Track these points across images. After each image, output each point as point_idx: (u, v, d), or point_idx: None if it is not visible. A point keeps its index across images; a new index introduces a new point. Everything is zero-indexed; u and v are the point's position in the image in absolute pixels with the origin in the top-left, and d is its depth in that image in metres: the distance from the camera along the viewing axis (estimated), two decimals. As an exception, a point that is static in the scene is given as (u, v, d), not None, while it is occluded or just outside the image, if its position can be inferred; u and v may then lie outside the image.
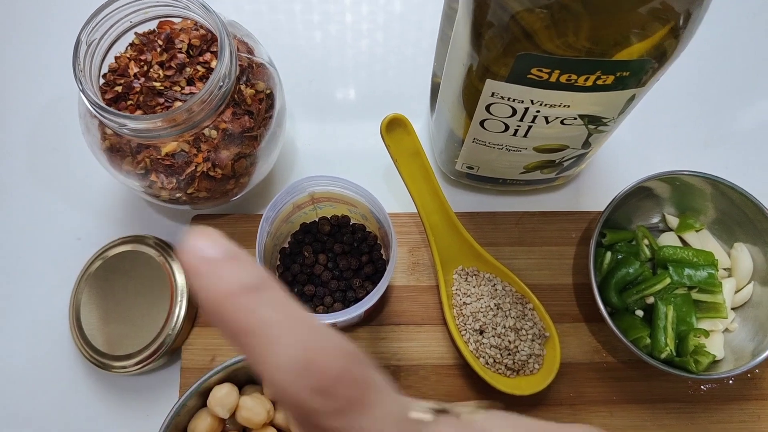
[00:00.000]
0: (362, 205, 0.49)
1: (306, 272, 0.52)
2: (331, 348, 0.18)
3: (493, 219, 0.57)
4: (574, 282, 0.56)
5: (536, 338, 0.52)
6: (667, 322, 0.50)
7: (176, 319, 0.52)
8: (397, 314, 0.54)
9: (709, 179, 0.52)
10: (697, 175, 0.52)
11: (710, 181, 0.52)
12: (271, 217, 0.47)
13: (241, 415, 0.45)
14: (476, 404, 0.23)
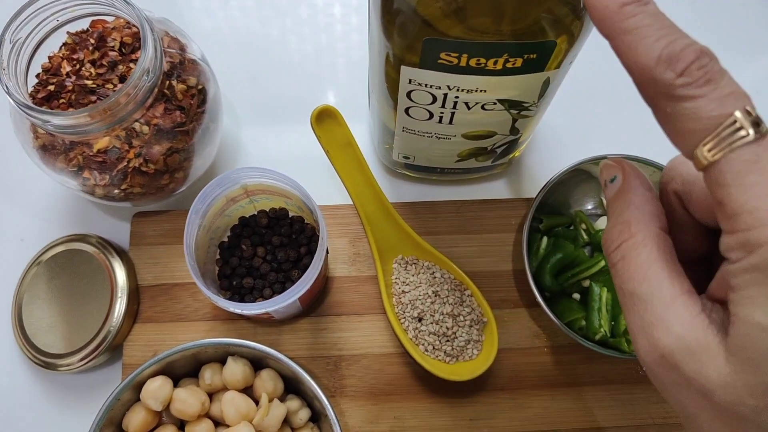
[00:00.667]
0: (295, 196, 0.50)
1: (245, 265, 0.53)
2: (689, 44, 0.24)
3: (432, 208, 0.57)
4: (513, 268, 0.56)
5: (474, 324, 0.52)
6: (601, 303, 0.51)
7: (117, 315, 0.52)
8: (338, 305, 0.55)
9: (645, 163, 0.53)
10: (632, 160, 0.53)
11: (645, 164, 0.53)
12: (201, 209, 0.47)
13: (175, 407, 0.45)
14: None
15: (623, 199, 0.28)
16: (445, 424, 0.52)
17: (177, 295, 0.55)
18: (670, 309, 0.25)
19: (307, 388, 0.47)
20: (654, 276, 0.25)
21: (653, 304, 0.25)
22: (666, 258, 0.26)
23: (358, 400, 0.52)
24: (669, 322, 0.25)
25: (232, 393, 0.46)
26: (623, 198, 0.28)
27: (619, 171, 0.29)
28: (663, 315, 0.25)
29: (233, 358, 0.47)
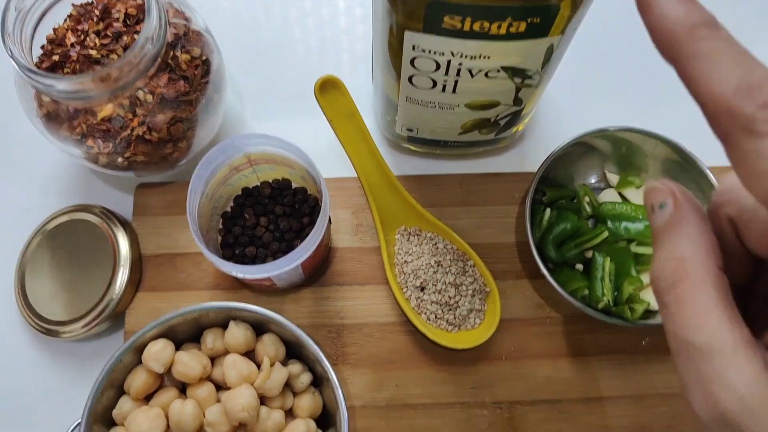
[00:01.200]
0: (298, 165, 0.50)
1: (248, 234, 0.53)
2: (765, 73, 0.22)
3: (436, 181, 0.57)
4: (516, 240, 0.56)
5: (477, 293, 0.52)
6: (604, 273, 0.51)
7: (119, 284, 0.53)
8: (341, 274, 0.55)
9: (649, 135, 0.52)
10: (633, 131, 0.53)
11: (649, 137, 0.53)
12: (204, 176, 0.47)
13: (177, 369, 0.46)
14: None
15: (676, 231, 0.25)
16: (447, 393, 0.52)
17: (180, 264, 0.55)
18: (732, 364, 0.22)
19: (309, 352, 0.47)
20: (713, 324, 0.23)
21: (712, 357, 0.22)
22: (725, 303, 0.23)
23: (360, 368, 0.53)
24: (730, 379, 0.22)
25: (234, 356, 0.46)
26: (676, 229, 0.25)
27: (669, 196, 0.26)
28: (724, 370, 0.22)
29: (235, 322, 0.47)
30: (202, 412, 0.45)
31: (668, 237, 0.25)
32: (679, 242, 0.24)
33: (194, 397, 0.46)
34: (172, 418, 0.44)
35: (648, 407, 0.52)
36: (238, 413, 0.43)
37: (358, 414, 0.52)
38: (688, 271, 0.24)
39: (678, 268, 0.24)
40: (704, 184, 0.52)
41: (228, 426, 0.44)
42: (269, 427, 0.45)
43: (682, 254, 0.24)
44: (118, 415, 0.46)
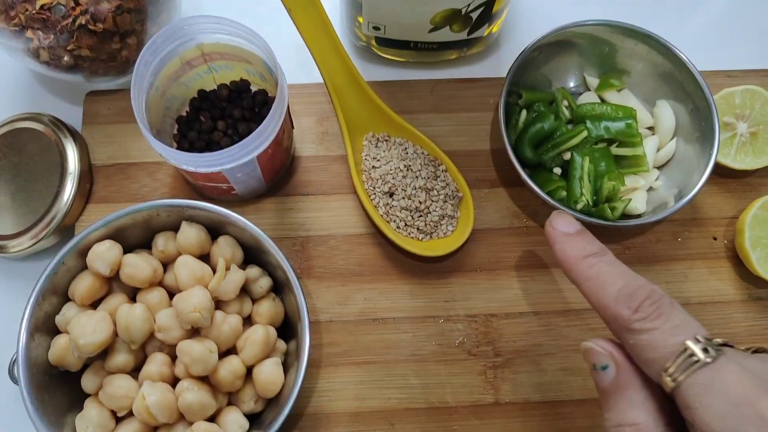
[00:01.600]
0: (256, 59, 0.46)
1: (204, 139, 0.49)
2: (641, 285, 0.30)
3: (406, 87, 0.54)
4: (491, 147, 0.53)
5: (449, 199, 0.49)
6: (583, 172, 0.48)
7: (67, 195, 0.49)
8: (305, 184, 0.51)
9: (629, 32, 0.50)
10: (611, 26, 0.50)
11: (629, 35, 0.50)
12: (151, 63, 0.43)
13: (125, 272, 0.42)
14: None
15: (623, 396, 0.29)
16: (419, 306, 0.49)
17: (133, 174, 0.51)
18: None
19: (271, 257, 0.44)
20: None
21: None
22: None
23: (326, 281, 0.49)
24: None
25: (187, 256, 0.43)
26: (624, 393, 0.30)
27: (610, 360, 0.30)
28: None
29: (188, 222, 0.44)
30: (153, 318, 0.41)
31: (616, 400, 0.30)
32: (628, 407, 0.29)
33: (144, 302, 0.42)
34: (119, 322, 0.41)
35: (630, 318, 0.49)
36: (190, 314, 0.40)
37: (324, 329, 0.48)
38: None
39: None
40: (690, 87, 0.49)
41: (180, 331, 0.41)
42: (225, 332, 0.41)
43: (633, 420, 0.29)
44: (62, 321, 0.42)
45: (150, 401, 0.39)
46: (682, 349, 0.27)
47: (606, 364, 0.30)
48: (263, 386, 0.42)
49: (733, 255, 0.51)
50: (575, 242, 0.33)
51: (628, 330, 0.29)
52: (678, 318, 0.28)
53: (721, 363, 0.26)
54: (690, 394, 0.26)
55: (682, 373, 0.27)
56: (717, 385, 0.26)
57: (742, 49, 0.58)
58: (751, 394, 0.25)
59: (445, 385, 0.47)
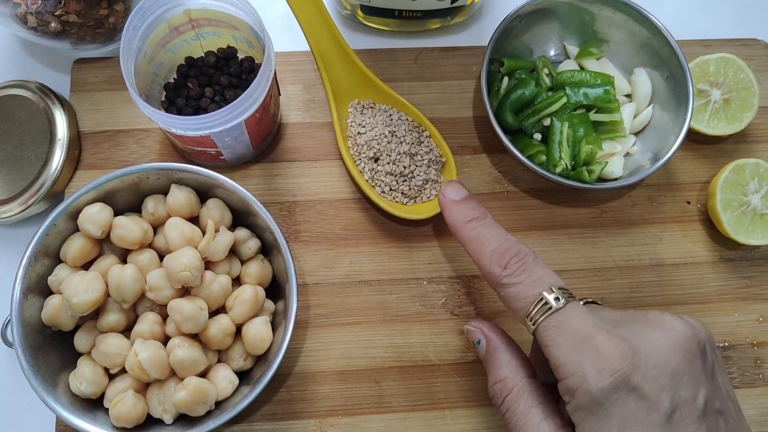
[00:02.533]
0: (243, 24, 0.47)
1: (192, 105, 0.50)
2: (510, 245, 0.35)
3: (391, 55, 0.55)
4: (474, 114, 0.54)
5: (432, 164, 0.50)
6: (562, 137, 0.49)
7: (56, 161, 0.50)
8: (292, 150, 0.52)
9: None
10: None
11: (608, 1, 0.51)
12: (140, 27, 0.44)
13: (116, 233, 0.43)
14: None
15: (493, 359, 0.37)
16: (403, 268, 0.50)
17: (121, 141, 0.52)
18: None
19: (259, 219, 0.45)
20: (534, 419, 0.34)
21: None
22: (540, 401, 0.34)
23: (313, 245, 0.51)
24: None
25: (176, 218, 0.44)
26: (493, 358, 0.37)
27: (481, 335, 0.38)
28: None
29: (177, 185, 0.45)
30: (144, 278, 0.42)
31: (489, 365, 0.37)
32: (497, 368, 0.36)
33: (135, 263, 0.43)
34: (110, 281, 0.42)
35: (607, 279, 0.51)
36: (180, 273, 0.41)
37: (311, 291, 0.50)
38: (509, 387, 0.35)
39: (502, 387, 0.35)
40: (665, 54, 0.51)
41: (171, 290, 0.42)
42: (215, 291, 0.43)
43: (502, 376, 0.36)
44: (54, 282, 0.43)
45: (142, 357, 0.40)
46: (539, 298, 0.33)
47: (479, 339, 0.38)
48: (252, 344, 0.43)
49: (705, 218, 0.53)
50: (461, 208, 0.38)
51: (499, 285, 0.35)
52: (538, 273, 0.34)
53: (568, 309, 0.32)
54: (545, 335, 0.32)
55: (539, 318, 0.32)
56: (564, 326, 0.32)
57: (717, 20, 0.60)
58: (590, 332, 0.31)
59: (429, 344, 0.49)
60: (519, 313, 0.34)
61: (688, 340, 0.32)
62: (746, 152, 0.54)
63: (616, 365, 0.30)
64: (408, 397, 0.48)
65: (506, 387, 0.35)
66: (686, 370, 0.32)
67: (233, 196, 0.45)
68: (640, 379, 0.30)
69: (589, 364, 0.31)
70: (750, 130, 0.55)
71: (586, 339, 0.31)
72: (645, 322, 0.33)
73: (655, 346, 0.32)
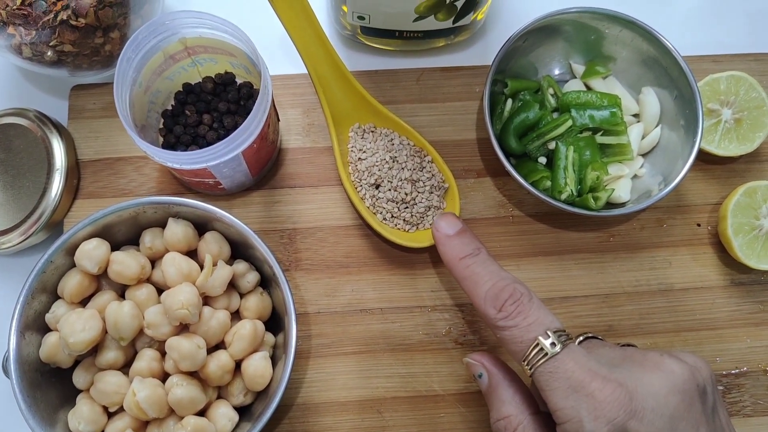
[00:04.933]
0: (239, 52, 0.46)
1: (190, 133, 0.49)
2: (505, 285, 0.34)
3: (392, 77, 0.54)
4: (477, 137, 0.53)
5: (435, 190, 0.49)
6: (567, 162, 0.48)
7: (54, 191, 0.49)
8: (292, 177, 0.52)
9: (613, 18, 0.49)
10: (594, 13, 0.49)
11: (614, 21, 0.50)
12: (134, 59, 0.43)
13: (113, 269, 0.42)
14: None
15: (495, 395, 0.36)
16: (406, 296, 0.50)
17: (120, 169, 0.51)
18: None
19: (257, 252, 0.44)
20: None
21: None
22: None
23: (314, 274, 0.50)
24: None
25: (174, 253, 0.43)
26: (495, 394, 0.36)
27: (482, 369, 0.37)
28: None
29: (174, 219, 0.44)
30: (142, 314, 0.42)
31: (491, 400, 0.36)
32: (500, 404, 0.35)
33: (133, 299, 0.43)
34: (108, 319, 0.41)
35: (615, 306, 0.50)
36: (177, 311, 0.40)
37: (313, 321, 0.49)
38: (513, 425, 0.34)
39: (506, 425, 0.35)
40: (674, 73, 0.49)
41: (169, 327, 0.41)
42: (213, 327, 0.42)
43: (505, 413, 0.35)
44: (52, 319, 0.43)
45: (140, 397, 0.39)
46: (534, 343, 0.32)
47: (480, 373, 0.37)
48: (252, 380, 0.42)
49: (716, 241, 0.51)
50: (454, 244, 0.37)
51: (495, 327, 0.34)
52: (534, 315, 0.33)
53: (563, 355, 0.32)
54: (542, 380, 0.32)
55: (536, 363, 0.32)
56: (560, 372, 0.32)
57: (729, 33, 0.58)
58: (585, 378, 0.31)
59: (432, 373, 0.48)
60: (516, 356, 0.34)
61: (686, 382, 0.32)
62: (758, 173, 0.53)
63: (613, 413, 0.30)
64: (411, 428, 0.47)
65: (510, 425, 0.35)
66: (684, 413, 0.31)
67: (231, 229, 0.44)
68: (637, 425, 0.30)
69: (585, 411, 0.31)
70: (763, 150, 0.53)
71: (581, 385, 0.31)
72: (643, 364, 0.33)
73: (653, 389, 0.32)
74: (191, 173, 0.45)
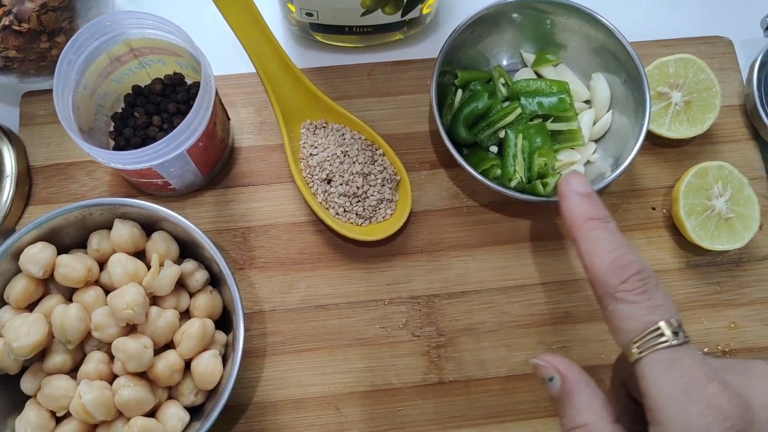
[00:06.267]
0: (184, 52, 0.46)
1: (139, 135, 0.49)
2: (634, 260, 0.31)
3: (343, 72, 0.54)
4: (430, 129, 0.53)
5: (386, 182, 0.49)
6: (516, 149, 0.48)
7: (5, 197, 0.49)
8: (245, 175, 0.52)
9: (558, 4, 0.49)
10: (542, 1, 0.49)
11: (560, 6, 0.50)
12: (76, 61, 0.43)
13: (59, 272, 0.42)
14: None
15: (571, 401, 0.32)
16: (361, 291, 0.49)
17: (72, 174, 0.51)
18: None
19: (205, 250, 0.44)
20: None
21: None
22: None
23: (269, 271, 0.50)
24: None
25: (120, 254, 0.43)
26: (570, 399, 0.32)
27: (555, 372, 0.33)
28: None
29: (121, 220, 0.44)
30: (89, 317, 0.42)
31: (565, 407, 0.32)
32: (575, 411, 0.32)
33: (80, 301, 0.42)
34: (54, 322, 0.41)
35: (572, 292, 0.50)
36: (123, 311, 0.40)
37: (268, 318, 0.49)
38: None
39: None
40: (622, 58, 0.49)
41: (116, 328, 0.41)
42: (161, 327, 0.42)
43: (583, 421, 0.31)
44: (-1, 325, 0.43)
45: (86, 400, 0.39)
46: (654, 327, 0.29)
47: (552, 376, 0.33)
48: (201, 378, 0.42)
49: (670, 224, 0.51)
50: (584, 203, 0.33)
51: (611, 297, 0.31)
52: (659, 299, 0.30)
53: (684, 348, 0.29)
54: (650, 368, 0.29)
55: (649, 348, 0.29)
56: (676, 365, 0.29)
57: (680, 18, 0.58)
58: (701, 380, 0.28)
59: (390, 367, 0.48)
60: (624, 336, 0.30)
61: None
62: (711, 154, 0.53)
63: (730, 421, 0.28)
64: (370, 423, 0.47)
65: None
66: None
67: (178, 228, 0.44)
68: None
69: (696, 415, 0.28)
70: (714, 131, 0.53)
71: (696, 386, 0.28)
72: (748, 373, 0.31)
73: (765, 400, 0.29)
74: (138, 174, 0.45)
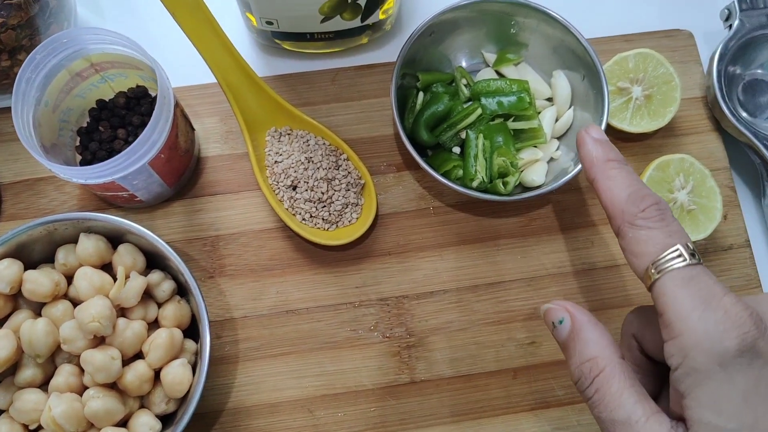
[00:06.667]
0: (145, 65, 0.47)
1: (105, 149, 0.50)
2: (651, 194, 0.32)
3: (306, 79, 0.55)
4: (395, 132, 0.54)
5: (351, 187, 0.50)
6: (477, 150, 0.48)
7: (-25, 214, 0.50)
8: (213, 184, 0.52)
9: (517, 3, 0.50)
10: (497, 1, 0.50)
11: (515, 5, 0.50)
12: (35, 79, 0.44)
13: (26, 288, 0.43)
14: None
15: (579, 338, 0.33)
16: (331, 294, 0.50)
17: (41, 189, 0.52)
18: (646, 428, 0.29)
19: (171, 261, 0.44)
20: (628, 401, 0.30)
21: (631, 426, 0.30)
22: (632, 383, 0.31)
23: (239, 278, 0.50)
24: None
25: (86, 267, 0.43)
26: (579, 337, 0.33)
27: (565, 313, 0.34)
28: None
29: (86, 234, 0.45)
30: (57, 330, 0.42)
31: (574, 344, 0.33)
32: (583, 346, 0.32)
33: (49, 315, 0.43)
34: (22, 337, 0.41)
35: (540, 288, 0.50)
36: (89, 324, 0.40)
37: (240, 325, 0.49)
38: (600, 366, 0.31)
39: (592, 366, 0.32)
40: (580, 54, 0.50)
41: (84, 341, 0.42)
42: (129, 338, 0.42)
43: (592, 355, 0.32)
44: (-33, 342, 0.43)
45: (56, 412, 0.40)
46: (674, 248, 0.30)
47: (562, 318, 0.34)
48: (171, 387, 0.43)
49: (635, 218, 0.52)
50: (603, 146, 0.35)
51: (630, 224, 0.32)
52: (675, 226, 0.31)
53: (701, 267, 0.30)
54: (670, 284, 0.30)
55: (669, 267, 0.30)
56: (694, 280, 0.30)
57: (639, 12, 0.58)
58: (719, 292, 0.29)
59: (361, 369, 0.49)
60: (643, 259, 0.31)
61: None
62: (674, 146, 0.53)
63: (746, 327, 0.28)
64: (343, 425, 0.47)
65: (597, 366, 0.32)
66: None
67: (143, 240, 0.45)
68: (766, 346, 0.28)
69: (713, 322, 0.28)
70: (676, 124, 0.54)
71: (715, 298, 0.29)
72: (756, 297, 0.32)
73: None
74: (102, 187, 0.45)
